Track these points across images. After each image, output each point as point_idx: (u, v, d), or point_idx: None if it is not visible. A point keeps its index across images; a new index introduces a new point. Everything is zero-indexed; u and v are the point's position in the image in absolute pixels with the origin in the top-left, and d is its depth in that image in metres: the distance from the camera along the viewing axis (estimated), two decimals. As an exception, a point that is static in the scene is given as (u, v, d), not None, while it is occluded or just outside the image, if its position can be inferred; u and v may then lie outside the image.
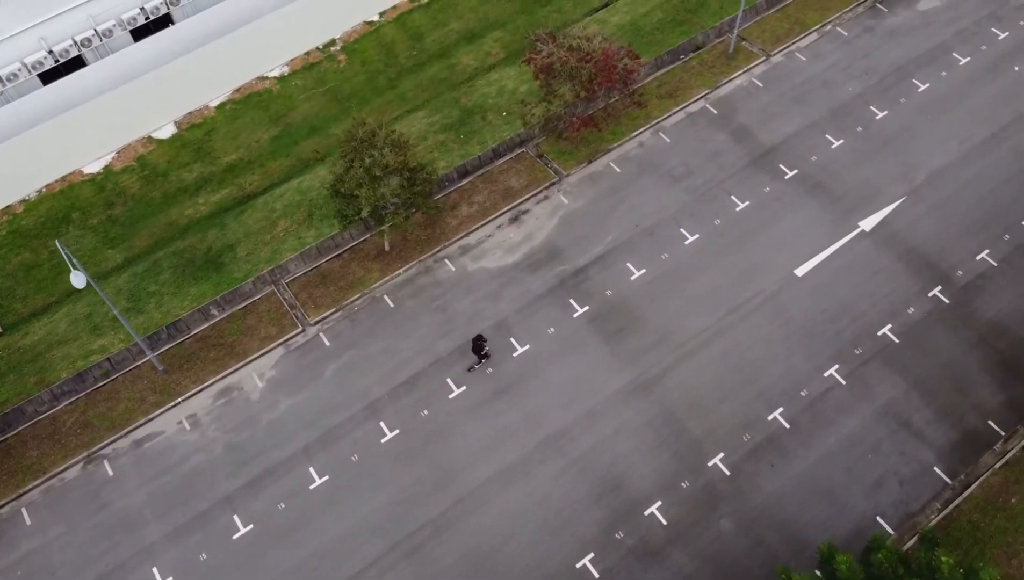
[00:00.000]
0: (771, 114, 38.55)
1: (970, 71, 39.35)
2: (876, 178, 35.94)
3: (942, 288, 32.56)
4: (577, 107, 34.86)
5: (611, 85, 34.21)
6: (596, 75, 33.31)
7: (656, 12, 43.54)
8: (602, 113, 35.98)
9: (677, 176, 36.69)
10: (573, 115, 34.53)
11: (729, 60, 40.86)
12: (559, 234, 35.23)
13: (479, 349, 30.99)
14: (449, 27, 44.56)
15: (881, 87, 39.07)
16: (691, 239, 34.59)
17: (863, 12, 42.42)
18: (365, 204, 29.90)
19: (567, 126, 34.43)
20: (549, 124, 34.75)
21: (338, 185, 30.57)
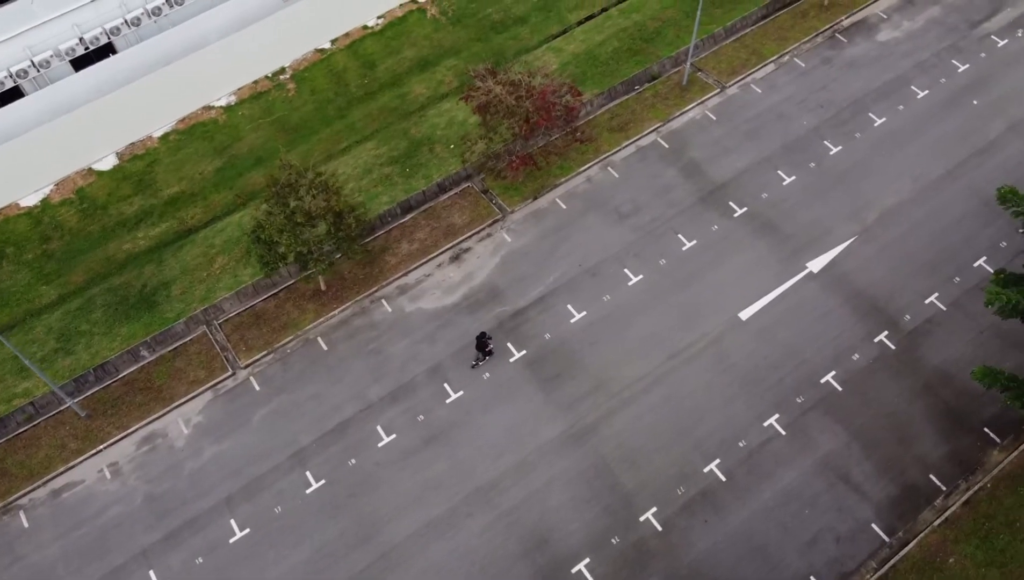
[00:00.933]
0: (723, 149, 37.92)
1: (928, 105, 38.72)
2: (827, 216, 35.30)
3: (889, 333, 31.89)
4: (516, 145, 34.20)
5: (549, 124, 33.56)
6: (533, 114, 32.69)
7: (612, 41, 42.96)
8: (542, 151, 35.29)
9: (624, 213, 36.06)
10: (512, 154, 33.88)
11: (683, 92, 40.25)
12: (500, 274, 34.59)
13: (483, 346, 31.04)
14: (402, 55, 44.00)
15: (836, 121, 38.45)
16: (635, 280, 33.94)
17: (822, 42, 41.82)
18: (286, 251, 29.24)
19: (506, 165, 33.78)
20: (488, 163, 34.12)
21: (258, 231, 29.95)
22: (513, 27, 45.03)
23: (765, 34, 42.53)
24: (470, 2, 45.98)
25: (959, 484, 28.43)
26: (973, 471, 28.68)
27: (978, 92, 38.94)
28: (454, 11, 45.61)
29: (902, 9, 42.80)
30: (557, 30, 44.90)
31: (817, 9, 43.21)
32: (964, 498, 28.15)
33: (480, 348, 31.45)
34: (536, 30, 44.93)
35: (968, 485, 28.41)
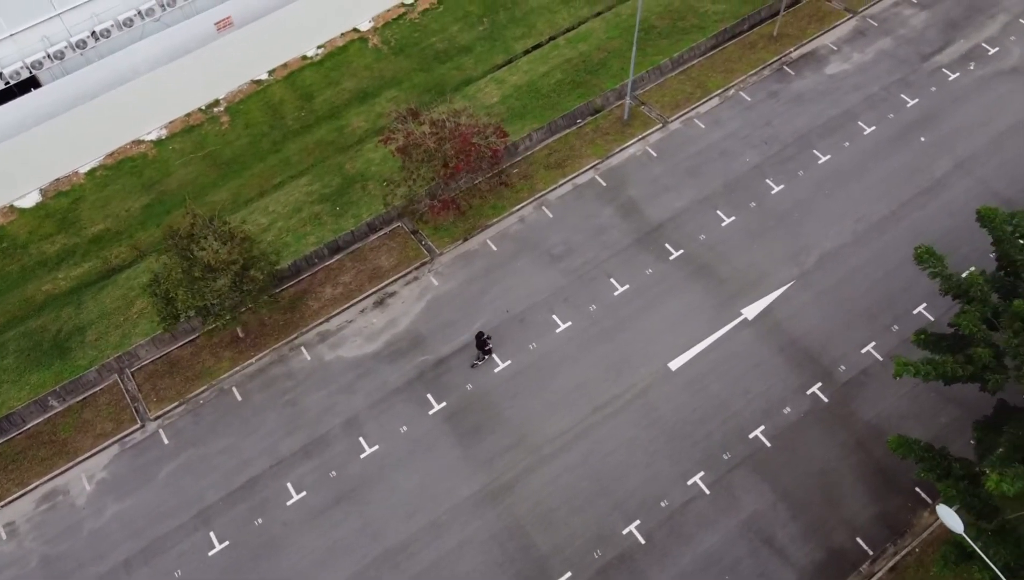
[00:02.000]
0: (662, 187, 36.99)
1: (874, 141, 37.80)
2: (765, 260, 34.35)
3: (822, 385, 30.92)
4: (439, 188, 33.26)
5: (469, 168, 32.62)
6: (453, 158, 31.76)
7: (556, 72, 42.09)
8: (465, 195, 34.35)
9: (556, 255, 35.12)
10: (434, 197, 32.94)
11: (624, 127, 39.36)
12: (425, 320, 33.63)
13: (482, 345, 30.96)
14: (342, 86, 43.15)
15: (780, 158, 37.53)
16: (563, 327, 32.97)
17: (769, 75, 40.93)
18: (182, 308, 28.24)
19: (427, 209, 32.84)
20: (410, 206, 33.17)
21: (154, 286, 28.97)
22: (457, 57, 44.19)
23: (712, 66, 41.64)
24: (413, 31, 45.16)
25: (887, 548, 27.44)
26: (902, 534, 27.68)
27: (926, 128, 38.03)
28: (397, 40, 44.78)
29: (853, 40, 41.93)
30: (502, 60, 44.07)
31: (766, 40, 42.35)
32: (891, 563, 27.16)
33: (479, 347, 31.24)
34: (481, 60, 44.08)
35: (896, 549, 27.43)
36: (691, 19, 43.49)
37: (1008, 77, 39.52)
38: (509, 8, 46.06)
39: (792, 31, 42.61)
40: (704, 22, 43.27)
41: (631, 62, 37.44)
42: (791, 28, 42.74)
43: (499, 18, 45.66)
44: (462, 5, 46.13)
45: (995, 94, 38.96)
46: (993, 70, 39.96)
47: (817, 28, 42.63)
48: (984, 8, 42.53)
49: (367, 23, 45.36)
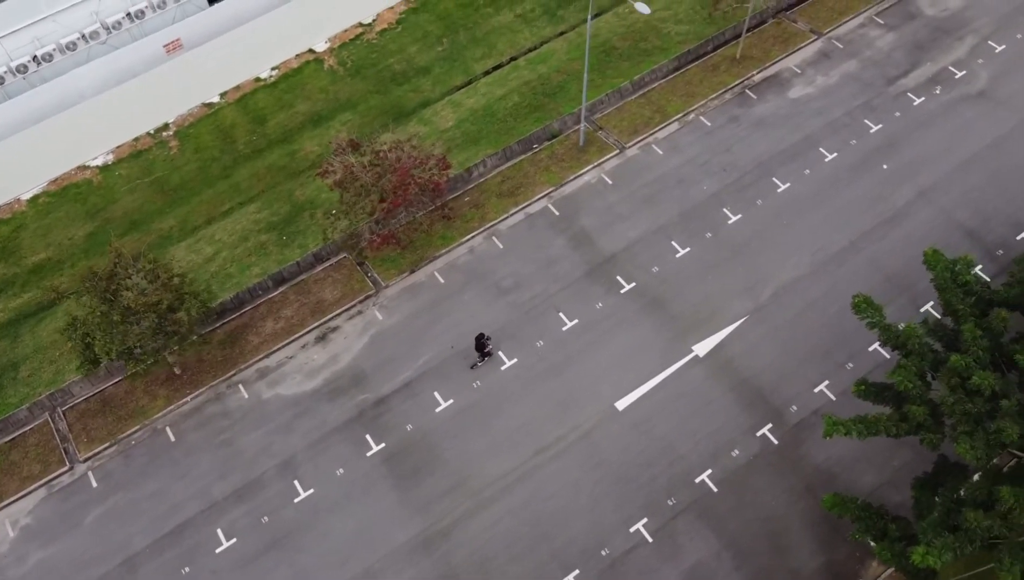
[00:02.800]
0: (617, 216, 36.21)
1: (835, 169, 37.03)
2: (719, 293, 33.56)
3: (773, 426, 30.12)
4: (379, 222, 32.44)
5: (407, 203, 31.81)
6: (389, 193, 30.96)
7: (513, 95, 41.33)
8: (406, 229, 33.51)
9: (504, 288, 34.33)
10: (374, 232, 32.14)
11: (580, 153, 38.59)
12: (367, 356, 32.84)
13: (482, 347, 31.00)
14: (295, 109, 42.39)
15: (738, 186, 36.75)
16: (508, 364, 32.18)
17: (731, 99, 40.16)
18: (100, 352, 27.39)
19: (367, 244, 32.04)
20: (350, 241, 32.38)
21: (70, 330, 28.14)
22: (415, 78, 43.43)
23: (673, 89, 40.89)
24: (371, 52, 44.42)
25: (833, 601, 26.64)
26: (849, 586, 26.88)
27: (889, 155, 37.26)
28: (353, 62, 44.04)
29: (817, 63, 41.17)
30: (462, 81, 43.30)
31: (729, 62, 41.59)
32: (837, 617, 26.34)
33: (479, 349, 31.06)
34: (439, 81, 43.31)
35: (843, 602, 26.63)
36: (653, 40, 42.75)
37: (974, 102, 38.75)
38: (470, 28, 45.32)
39: (756, 53, 41.86)
40: (667, 43, 42.53)
41: (583, 89, 36.63)
42: (755, 50, 42.00)
43: (459, 38, 44.93)
44: (421, 25, 45.41)
45: (961, 120, 38.20)
46: (959, 94, 39.20)
47: (781, 50, 41.89)
48: (952, 30, 41.79)
49: (323, 44, 44.62)
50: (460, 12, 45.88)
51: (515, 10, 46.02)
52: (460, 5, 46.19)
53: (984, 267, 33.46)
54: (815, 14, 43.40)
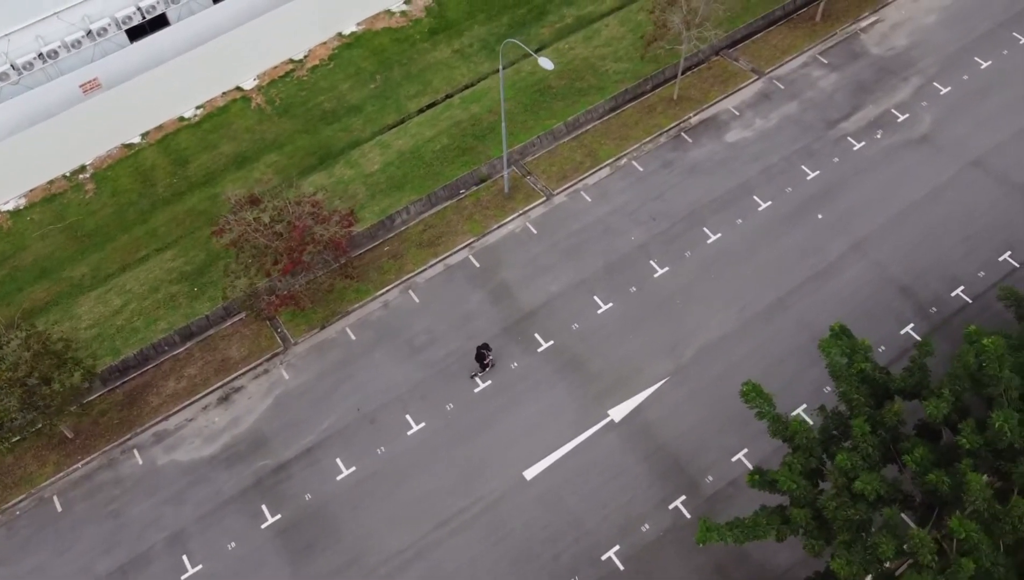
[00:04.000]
0: (539, 268, 35.10)
1: (768, 218, 35.94)
2: (640, 352, 32.43)
3: (686, 498, 28.97)
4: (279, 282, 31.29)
5: (302, 266, 30.63)
6: (283, 256, 29.79)
7: (443, 137, 40.26)
8: (307, 289, 32.34)
9: (417, 346, 33.19)
10: (274, 291, 31.00)
11: (506, 200, 37.49)
12: (270, 419, 31.69)
13: (482, 357, 30.99)
14: (219, 149, 41.29)
15: (667, 237, 35.65)
16: (416, 428, 31.04)
17: (665, 142, 39.09)
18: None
19: (265, 306, 30.88)
20: (248, 301, 31.23)
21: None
22: (345, 117, 42.35)
23: (607, 131, 39.82)
24: (300, 89, 43.35)
25: None
26: (755, 676, 25.68)
27: (825, 204, 36.17)
28: (282, 100, 42.97)
29: (756, 105, 40.12)
30: (394, 120, 42.23)
31: (666, 103, 40.54)
32: None
33: (479, 359, 30.95)
34: (370, 120, 42.24)
35: None
36: (590, 79, 41.70)
37: (916, 148, 37.70)
38: (404, 64, 44.28)
39: (694, 93, 40.81)
40: (604, 82, 41.48)
41: (503, 138, 35.55)
42: (694, 90, 40.95)
43: (393, 75, 43.88)
44: (355, 61, 44.37)
45: (900, 166, 37.14)
46: (901, 139, 38.14)
47: (720, 91, 40.84)
48: (897, 70, 40.76)
49: (251, 81, 43.56)
50: (395, 48, 44.84)
51: (453, 45, 44.99)
52: (396, 40, 45.16)
53: (916, 326, 32.42)
54: (758, 52, 42.39)
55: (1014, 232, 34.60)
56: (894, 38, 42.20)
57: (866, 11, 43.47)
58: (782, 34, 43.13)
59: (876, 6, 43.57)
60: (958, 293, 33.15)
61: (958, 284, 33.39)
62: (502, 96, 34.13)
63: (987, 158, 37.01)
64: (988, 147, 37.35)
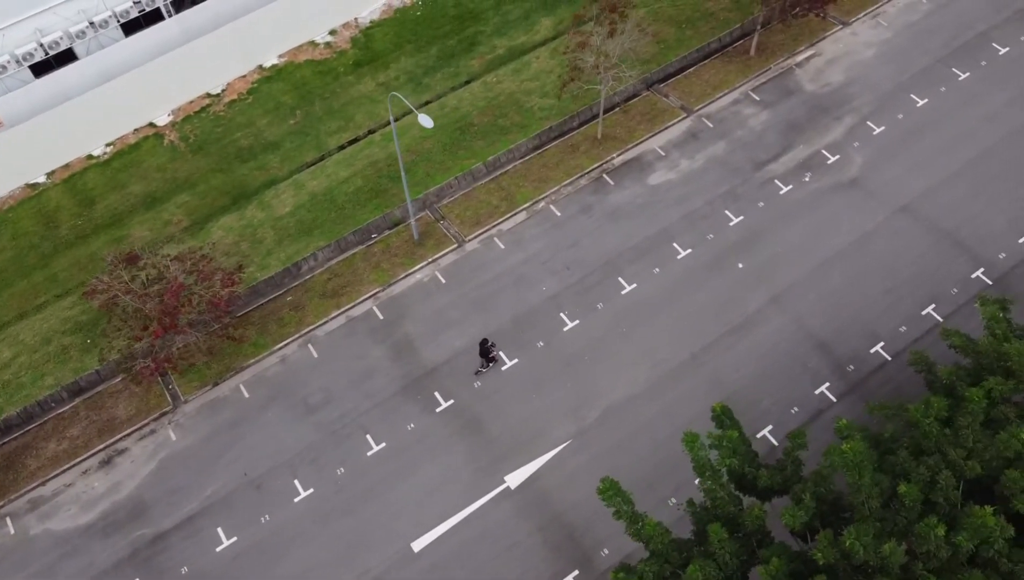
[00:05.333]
0: (445, 322, 34.04)
1: (687, 267, 34.89)
2: (542, 413, 31.37)
3: (579, 573, 27.91)
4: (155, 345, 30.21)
5: (176, 330, 29.53)
6: (154, 320, 28.70)
7: (357, 178, 39.23)
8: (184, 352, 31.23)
9: (312, 405, 32.12)
10: (151, 354, 29.91)
11: (416, 247, 36.43)
12: (153, 484, 30.60)
13: (486, 352, 31.06)
14: (129, 189, 40.23)
15: (581, 287, 34.59)
16: (303, 495, 29.95)
17: (586, 185, 38.05)
18: None
19: (140, 370, 29.78)
20: (124, 363, 30.14)
21: None
22: (263, 154, 41.31)
23: (527, 172, 38.78)
24: (217, 125, 42.32)
25: None
26: None
27: (746, 252, 35.12)
28: (197, 137, 41.93)
29: (683, 144, 39.08)
30: (313, 157, 41.21)
31: (590, 142, 39.52)
32: None
33: (483, 355, 31.11)
34: (288, 157, 41.21)
35: None
36: (514, 116, 40.68)
37: (844, 192, 36.67)
38: (327, 98, 43.28)
39: (620, 132, 39.79)
40: (528, 119, 40.46)
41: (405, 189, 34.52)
42: (619, 128, 39.94)
43: (314, 109, 42.86)
44: (274, 95, 43.35)
45: (827, 212, 36.11)
46: (830, 182, 37.12)
47: (647, 129, 39.82)
48: (831, 108, 39.74)
49: (165, 117, 42.53)
50: (318, 81, 43.84)
51: (378, 78, 44.00)
52: (319, 73, 44.17)
53: (832, 385, 31.38)
54: (689, 88, 41.38)
55: (939, 284, 33.57)
56: (830, 73, 41.20)
57: (802, 44, 42.48)
58: (715, 68, 42.12)
59: (813, 39, 42.58)
60: (877, 350, 32.11)
61: (878, 340, 32.35)
62: (398, 149, 33.07)
63: (917, 204, 36.00)
64: (918, 192, 36.35)
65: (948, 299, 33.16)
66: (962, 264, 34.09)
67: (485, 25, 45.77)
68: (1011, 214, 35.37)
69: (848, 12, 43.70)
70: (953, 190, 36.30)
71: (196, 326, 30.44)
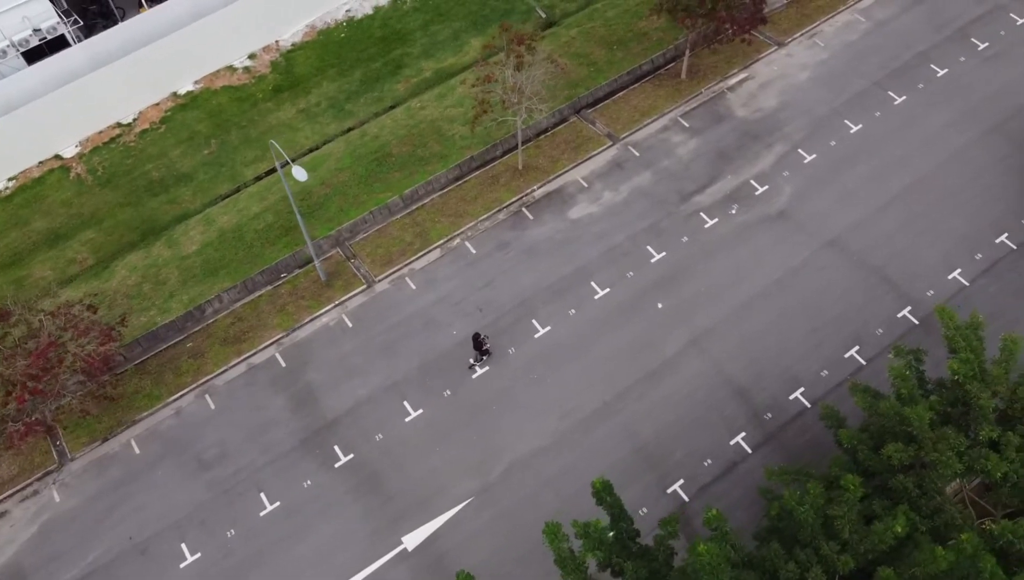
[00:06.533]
0: (349, 369, 32.82)
1: (604, 308, 33.73)
2: (445, 468, 30.21)
3: (474, 644, 26.66)
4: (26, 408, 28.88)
5: (42, 395, 28.16)
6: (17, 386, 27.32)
7: (269, 213, 37.95)
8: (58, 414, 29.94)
9: (206, 462, 30.88)
10: (20, 419, 28.59)
11: (324, 288, 35.18)
12: (32, 550, 29.34)
13: (479, 345, 31.16)
14: (31, 226, 38.86)
15: (492, 331, 33.36)
16: (189, 560, 28.74)
17: (505, 219, 36.83)
18: None
19: (11, 434, 28.44)
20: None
21: None
22: (174, 187, 39.97)
23: (444, 206, 37.53)
24: (127, 157, 40.96)
25: None
26: None
27: (667, 291, 33.98)
28: (105, 169, 40.57)
29: (607, 175, 37.89)
30: (228, 189, 39.91)
31: (511, 174, 38.30)
32: None
33: (477, 348, 31.10)
34: (202, 190, 39.88)
35: None
36: (434, 145, 39.41)
37: (772, 225, 35.54)
38: (244, 126, 41.94)
39: (542, 162, 38.59)
40: (448, 149, 39.21)
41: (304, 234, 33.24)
42: (542, 158, 38.73)
43: (230, 138, 41.52)
44: (189, 124, 41.98)
45: (753, 246, 34.98)
46: (757, 215, 35.99)
47: (571, 158, 38.62)
48: (761, 135, 38.59)
49: (72, 148, 41.14)
50: (235, 108, 42.50)
51: (298, 104, 42.68)
52: (236, 99, 42.82)
53: (748, 435, 30.29)
54: (617, 114, 40.17)
55: (864, 324, 32.50)
56: (762, 98, 40.04)
57: (736, 67, 41.31)
58: (645, 92, 40.93)
59: (747, 61, 41.41)
60: (797, 396, 31.04)
61: (798, 385, 31.28)
62: (291, 198, 31.75)
63: (845, 237, 34.91)
64: (847, 224, 35.26)
65: (872, 341, 32.08)
66: (889, 302, 33.01)
67: (412, 47, 44.47)
68: (942, 247, 34.31)
69: (784, 32, 42.54)
70: (883, 222, 35.22)
71: (68, 388, 29.07)
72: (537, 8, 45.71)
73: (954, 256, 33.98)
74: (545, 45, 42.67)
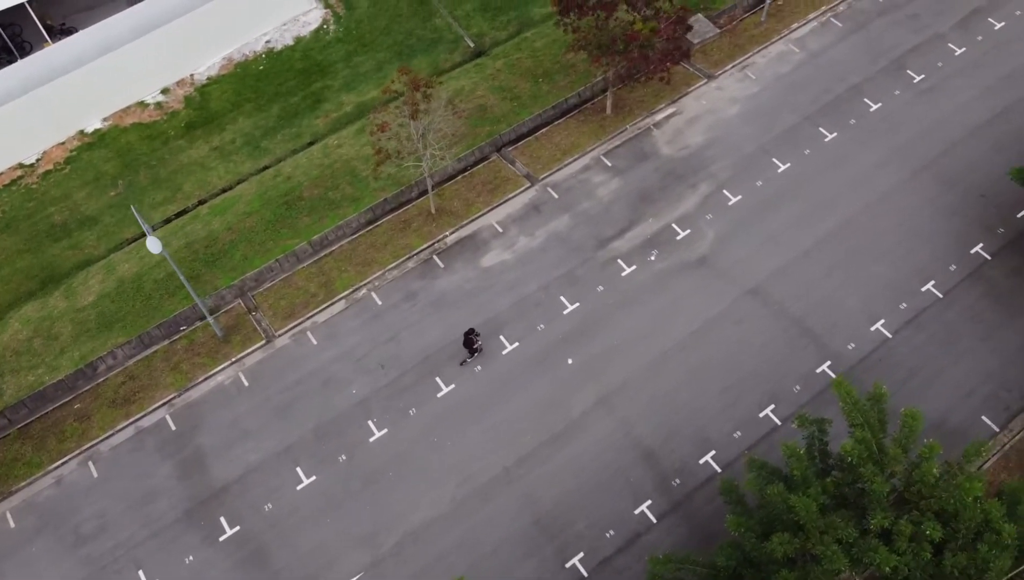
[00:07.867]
0: (241, 433, 31.47)
1: (511, 365, 32.42)
2: (335, 541, 28.89)
3: None
4: None
5: None
6: None
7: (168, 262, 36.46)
8: None
9: (83, 536, 29.52)
10: None
11: (222, 344, 33.80)
12: None
13: (470, 343, 31.18)
14: (-77, 276, 37.40)
15: (394, 389, 32.07)
16: (58, 647, 27.38)
17: (413, 268, 35.49)
18: None
19: None
20: None
21: None
22: (78, 231, 38.56)
23: (352, 253, 36.18)
24: (28, 199, 39.53)
25: None
26: None
27: (578, 345, 32.68)
28: (4, 213, 39.15)
29: (523, 219, 36.56)
30: (133, 233, 38.49)
31: (423, 218, 36.95)
32: None
33: (467, 346, 31.19)
34: (107, 234, 38.50)
35: None
36: (346, 187, 38.06)
37: (691, 272, 34.25)
38: (153, 166, 40.51)
39: (457, 205, 37.25)
40: (361, 191, 37.86)
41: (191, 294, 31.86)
42: (457, 201, 37.39)
43: (139, 179, 40.11)
44: (95, 164, 40.54)
45: (671, 295, 33.70)
46: (677, 261, 34.69)
47: (487, 201, 37.29)
48: (686, 175, 37.30)
49: (-30, 192, 39.70)
50: (144, 146, 41.06)
51: (212, 142, 41.27)
52: (146, 137, 41.38)
53: (653, 503, 29.06)
54: (538, 152, 38.85)
55: (781, 380, 31.23)
56: (689, 134, 38.74)
57: (663, 101, 40.00)
58: (569, 129, 39.62)
59: (675, 95, 40.10)
60: (707, 459, 29.78)
61: (710, 448, 30.01)
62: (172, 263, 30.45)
63: (766, 285, 33.64)
64: (769, 271, 34.00)
65: (789, 398, 30.83)
66: (808, 356, 31.77)
67: (333, 79, 43.09)
68: (865, 295, 33.05)
69: (716, 63, 41.23)
70: (807, 268, 33.97)
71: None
72: (465, 37, 44.36)
73: (877, 306, 32.72)
74: (468, 78, 41.55)
